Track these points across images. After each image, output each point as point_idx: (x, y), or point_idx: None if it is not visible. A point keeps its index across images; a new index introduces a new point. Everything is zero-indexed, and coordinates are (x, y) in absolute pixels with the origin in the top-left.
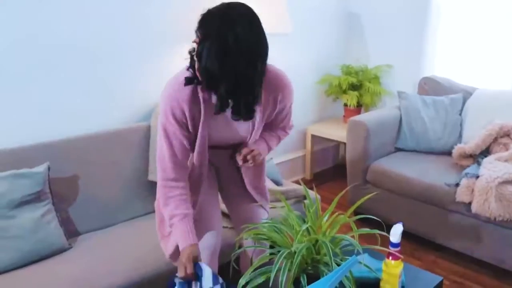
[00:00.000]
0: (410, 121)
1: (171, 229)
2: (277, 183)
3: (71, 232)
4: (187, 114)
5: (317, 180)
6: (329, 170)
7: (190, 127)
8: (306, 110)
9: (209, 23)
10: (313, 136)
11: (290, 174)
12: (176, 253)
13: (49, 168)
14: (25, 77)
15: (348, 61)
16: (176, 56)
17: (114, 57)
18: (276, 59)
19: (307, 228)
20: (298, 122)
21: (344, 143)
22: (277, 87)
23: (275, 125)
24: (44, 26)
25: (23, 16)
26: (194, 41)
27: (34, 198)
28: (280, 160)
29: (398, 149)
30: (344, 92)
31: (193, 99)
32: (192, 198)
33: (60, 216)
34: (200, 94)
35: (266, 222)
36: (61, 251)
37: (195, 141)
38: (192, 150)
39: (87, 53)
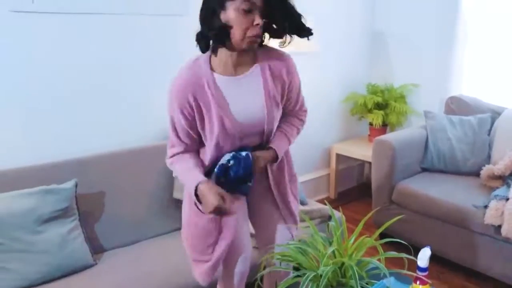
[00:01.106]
0: (436, 141)
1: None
2: (302, 202)
3: (97, 248)
4: (190, 96)
5: (341, 199)
6: (354, 190)
7: (199, 114)
8: (331, 129)
9: None
10: (337, 155)
11: (314, 193)
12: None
13: (76, 185)
14: (53, 97)
15: (374, 80)
16: None
17: (141, 76)
18: (302, 77)
19: (333, 251)
20: (322, 140)
21: (369, 162)
22: (280, 59)
23: (290, 110)
24: (74, 49)
25: (56, 40)
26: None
27: (62, 214)
28: (305, 179)
29: (425, 170)
30: (370, 111)
31: (197, 81)
32: None
33: (86, 232)
34: (203, 71)
35: (291, 244)
36: (86, 267)
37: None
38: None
39: (114, 73)
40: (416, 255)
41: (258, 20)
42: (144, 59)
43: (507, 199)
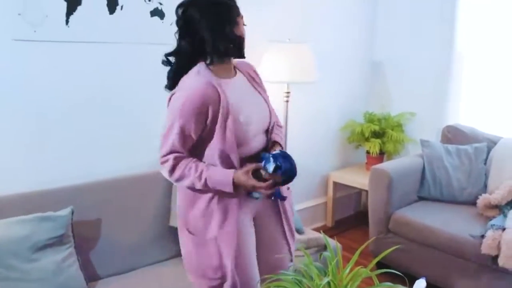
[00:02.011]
0: (433, 170)
1: (206, 181)
2: (298, 231)
3: (91, 276)
4: (206, 105)
5: (338, 227)
6: (351, 218)
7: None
8: (329, 156)
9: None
10: (335, 183)
11: (311, 221)
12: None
13: (72, 212)
14: (50, 124)
15: (371, 109)
16: None
17: (139, 105)
18: (301, 105)
19: (328, 282)
20: (320, 168)
21: (366, 191)
22: (243, 63)
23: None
24: (74, 77)
25: (57, 68)
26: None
27: (57, 242)
28: (302, 207)
29: (421, 198)
30: (367, 139)
31: (211, 89)
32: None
33: (81, 260)
34: (209, 78)
35: (288, 274)
36: None
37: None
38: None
39: (112, 101)
40: (411, 286)
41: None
42: (143, 87)
43: (504, 229)
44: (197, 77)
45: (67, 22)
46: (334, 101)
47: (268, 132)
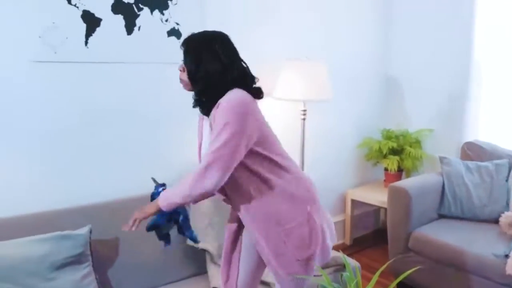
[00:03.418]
0: (453, 187)
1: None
2: None
3: None
4: None
5: (357, 245)
6: (369, 236)
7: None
8: (346, 174)
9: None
10: (353, 201)
11: None
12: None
13: (90, 231)
14: (70, 143)
15: (388, 125)
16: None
17: (157, 124)
18: (317, 123)
19: None
20: (337, 186)
21: (385, 208)
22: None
23: None
24: (93, 97)
25: (76, 89)
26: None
27: (75, 260)
28: None
29: (441, 216)
30: (385, 156)
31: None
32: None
33: (99, 279)
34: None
35: None
36: None
37: None
38: None
39: (132, 119)
40: None
41: None
42: (160, 107)
43: None
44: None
45: (86, 43)
46: (350, 118)
47: None
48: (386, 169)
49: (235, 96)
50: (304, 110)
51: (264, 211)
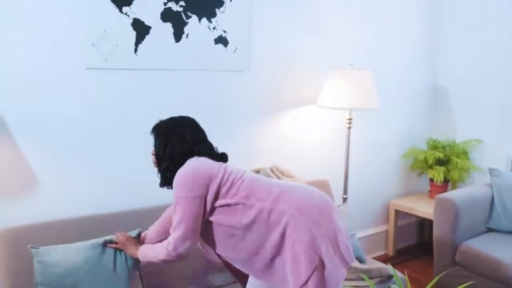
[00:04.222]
0: (503, 200)
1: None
2: (359, 259)
3: None
4: None
5: (399, 257)
6: (413, 247)
7: None
8: (390, 184)
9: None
10: (396, 211)
11: (371, 249)
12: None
13: (140, 234)
14: (118, 149)
15: (434, 135)
16: (263, 130)
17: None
18: (362, 131)
19: None
20: (381, 196)
21: (429, 220)
22: None
23: None
24: (142, 103)
25: (130, 91)
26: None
27: (125, 266)
28: (362, 235)
29: (490, 230)
30: (430, 167)
31: None
32: None
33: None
34: None
35: None
36: None
37: None
38: None
39: None
40: None
41: None
42: (207, 113)
43: None
44: None
45: (135, 50)
46: (396, 127)
47: None
48: (431, 180)
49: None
50: (350, 119)
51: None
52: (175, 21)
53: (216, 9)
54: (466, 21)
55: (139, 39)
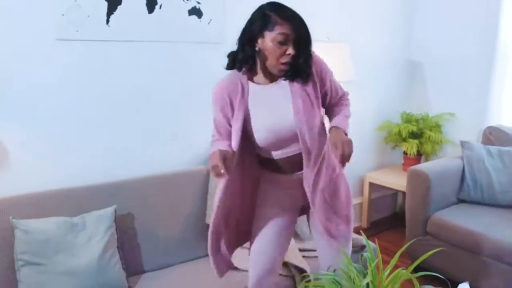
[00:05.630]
0: (473, 172)
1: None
2: None
3: (131, 272)
4: (228, 101)
5: (373, 228)
6: (387, 219)
7: (230, 113)
8: (364, 157)
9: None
10: (370, 184)
11: None
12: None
13: (116, 211)
14: (89, 121)
15: (408, 109)
16: None
17: (177, 102)
18: None
19: (367, 283)
20: (355, 169)
21: (403, 192)
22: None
23: (332, 103)
24: (114, 75)
25: (101, 63)
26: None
27: (100, 239)
28: None
29: (461, 201)
30: (404, 140)
31: (233, 87)
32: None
33: (122, 256)
34: (240, 79)
35: (326, 274)
36: None
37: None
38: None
39: (151, 98)
40: None
41: (290, 51)
42: (181, 85)
43: None
44: (227, 76)
45: (107, 21)
46: (371, 101)
47: (299, 139)
48: (405, 153)
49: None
50: None
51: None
52: None
53: None
54: None
55: (111, 10)
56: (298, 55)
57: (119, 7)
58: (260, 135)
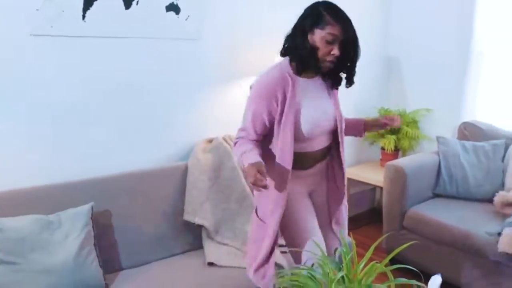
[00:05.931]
0: (449, 167)
1: (243, 162)
2: None
3: (108, 269)
4: (278, 94)
5: (351, 223)
6: (365, 214)
7: (278, 107)
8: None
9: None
10: (349, 179)
11: None
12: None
13: (92, 208)
14: (65, 118)
15: (386, 105)
16: (217, 100)
17: (154, 99)
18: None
19: (342, 276)
20: None
21: (381, 187)
22: None
23: None
24: (92, 71)
25: (77, 59)
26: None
27: (77, 236)
28: None
29: (437, 195)
30: (382, 136)
31: (285, 80)
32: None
33: (99, 253)
34: (288, 71)
35: (302, 268)
36: None
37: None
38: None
39: (132, 95)
40: (427, 282)
41: (336, 51)
42: (159, 82)
43: None
44: (273, 69)
45: (83, 17)
46: (348, 97)
47: (336, 132)
48: (382, 149)
49: None
50: None
51: None
52: None
53: None
54: None
55: (87, 5)
56: (342, 58)
57: (95, 2)
58: (308, 126)
